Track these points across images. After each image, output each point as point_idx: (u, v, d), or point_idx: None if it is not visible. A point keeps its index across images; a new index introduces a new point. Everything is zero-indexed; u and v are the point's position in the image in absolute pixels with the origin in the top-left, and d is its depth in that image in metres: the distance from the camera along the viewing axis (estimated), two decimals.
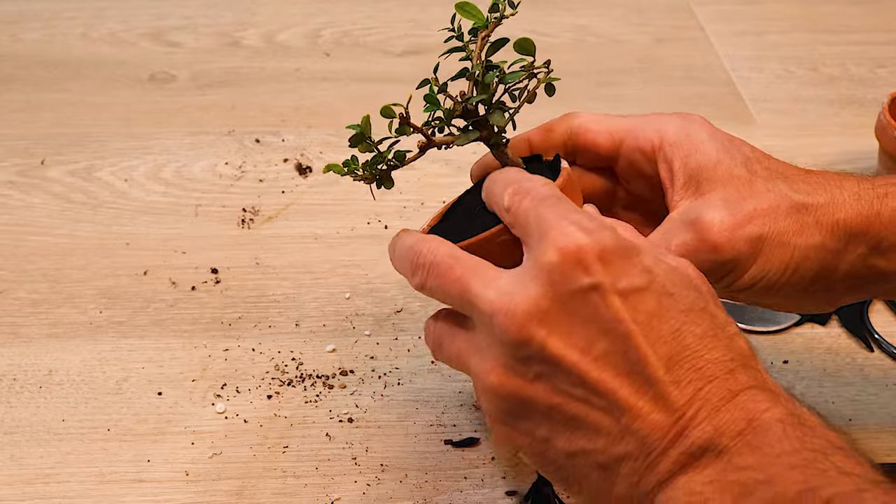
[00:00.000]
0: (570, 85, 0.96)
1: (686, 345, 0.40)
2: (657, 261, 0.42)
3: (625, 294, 0.40)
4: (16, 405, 0.60)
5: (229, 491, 0.55)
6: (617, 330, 0.39)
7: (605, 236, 0.41)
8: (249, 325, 0.66)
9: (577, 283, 0.40)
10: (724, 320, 0.42)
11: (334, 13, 1.03)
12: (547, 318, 0.40)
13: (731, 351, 0.40)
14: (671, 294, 0.41)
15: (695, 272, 0.44)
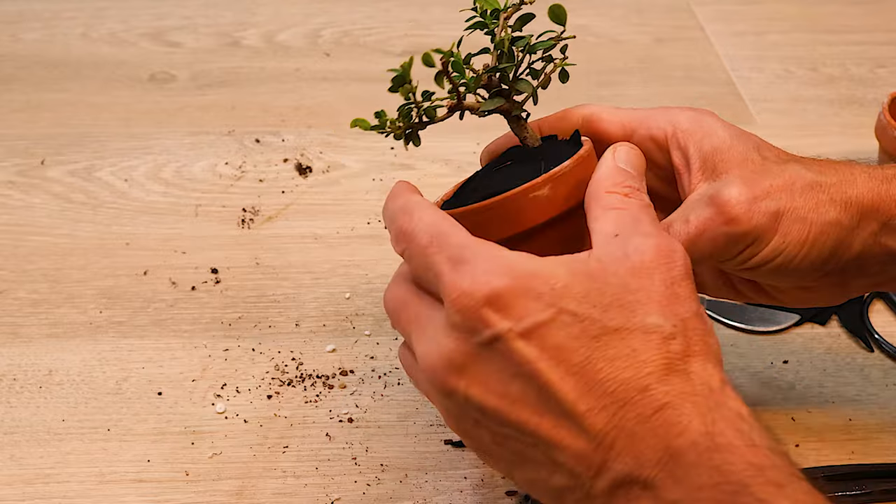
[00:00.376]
0: (570, 85, 0.96)
1: (597, 370, 0.40)
2: (567, 284, 0.41)
3: (527, 334, 0.40)
4: (16, 405, 0.60)
5: (229, 491, 0.55)
6: (525, 371, 0.40)
7: (494, 278, 0.41)
8: (249, 325, 0.66)
9: (479, 336, 0.41)
10: (652, 325, 0.40)
11: (334, 13, 1.03)
12: (464, 370, 0.41)
13: (648, 364, 0.40)
14: (582, 319, 0.40)
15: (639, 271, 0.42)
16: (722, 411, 0.40)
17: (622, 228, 0.44)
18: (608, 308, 0.41)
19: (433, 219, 0.44)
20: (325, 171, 0.81)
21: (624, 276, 0.42)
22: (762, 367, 0.63)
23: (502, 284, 0.40)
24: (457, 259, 0.42)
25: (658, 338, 0.40)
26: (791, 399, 0.61)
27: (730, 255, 0.49)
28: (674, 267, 0.42)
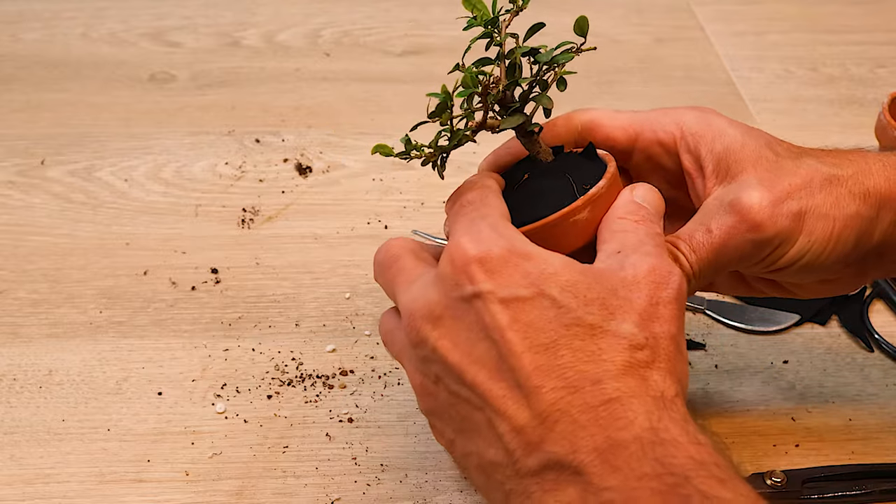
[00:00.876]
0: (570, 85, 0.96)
1: (560, 355, 0.41)
2: (556, 272, 0.42)
3: (506, 302, 0.42)
4: (16, 405, 0.60)
5: (229, 491, 0.55)
6: (493, 335, 0.41)
7: (494, 246, 0.43)
8: (249, 325, 0.66)
9: (462, 290, 0.42)
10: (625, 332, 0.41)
11: (334, 13, 1.04)
12: (439, 322, 0.43)
13: (608, 362, 0.41)
14: (559, 306, 0.42)
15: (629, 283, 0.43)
16: (670, 413, 0.40)
17: (625, 247, 0.45)
18: (590, 303, 0.42)
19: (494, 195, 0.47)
20: (325, 171, 0.81)
21: (615, 283, 0.43)
22: (762, 367, 0.64)
23: (497, 252, 0.43)
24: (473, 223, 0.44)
25: (627, 343, 0.41)
26: (791, 399, 0.61)
27: (756, 260, 0.49)
28: (664, 288, 0.43)
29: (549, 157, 0.51)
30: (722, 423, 0.60)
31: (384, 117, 0.87)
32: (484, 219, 0.45)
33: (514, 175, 0.51)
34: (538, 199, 0.48)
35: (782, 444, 0.59)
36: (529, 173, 0.50)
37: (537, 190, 0.49)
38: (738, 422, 0.60)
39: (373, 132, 0.85)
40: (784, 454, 0.58)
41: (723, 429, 0.59)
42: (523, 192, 0.49)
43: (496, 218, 0.45)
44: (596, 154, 0.50)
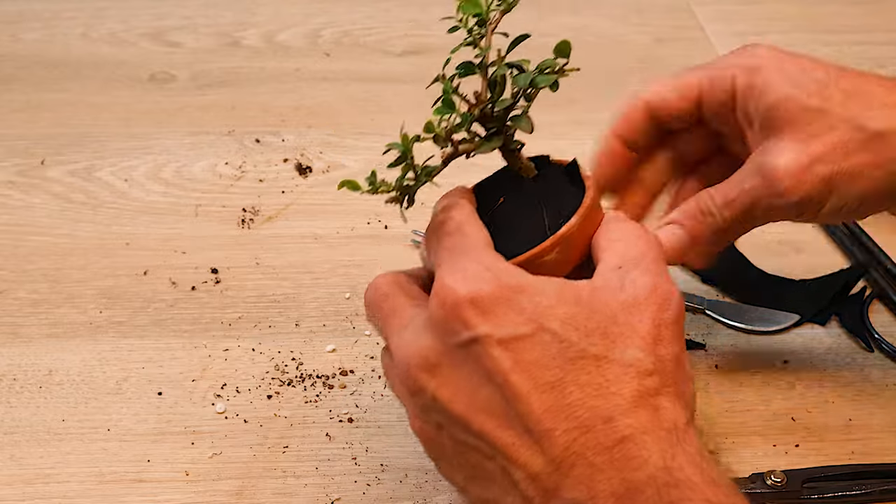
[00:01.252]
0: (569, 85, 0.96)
1: (568, 392, 0.39)
2: (552, 305, 0.41)
3: (505, 343, 0.40)
4: (16, 405, 0.60)
5: (229, 491, 0.55)
6: (497, 380, 0.40)
7: (483, 283, 0.41)
8: (249, 325, 0.66)
9: (458, 336, 0.40)
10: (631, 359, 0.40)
11: (334, 13, 1.03)
12: (437, 371, 0.41)
13: (617, 395, 0.39)
14: (561, 340, 0.40)
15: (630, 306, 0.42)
16: (684, 447, 0.39)
17: (626, 261, 0.44)
18: (591, 334, 0.40)
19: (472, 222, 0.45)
20: (325, 171, 0.81)
21: (614, 308, 0.42)
22: (762, 367, 0.63)
23: (488, 290, 0.41)
24: (456, 257, 0.42)
25: (635, 371, 0.40)
26: (791, 399, 0.61)
27: (790, 217, 0.50)
28: (666, 309, 0.42)
29: (532, 173, 0.50)
30: (722, 423, 0.60)
31: (384, 117, 0.87)
32: (467, 252, 0.43)
33: (491, 193, 0.50)
34: (509, 231, 0.46)
35: (782, 444, 0.59)
36: (506, 196, 0.49)
37: (509, 220, 0.47)
38: (738, 422, 0.60)
39: (373, 132, 0.85)
40: (784, 454, 0.58)
41: (723, 429, 0.59)
42: (497, 219, 0.47)
43: (480, 250, 0.43)
44: (579, 175, 0.49)
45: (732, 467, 0.57)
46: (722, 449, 0.58)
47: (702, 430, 0.59)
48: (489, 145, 0.46)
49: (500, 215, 0.48)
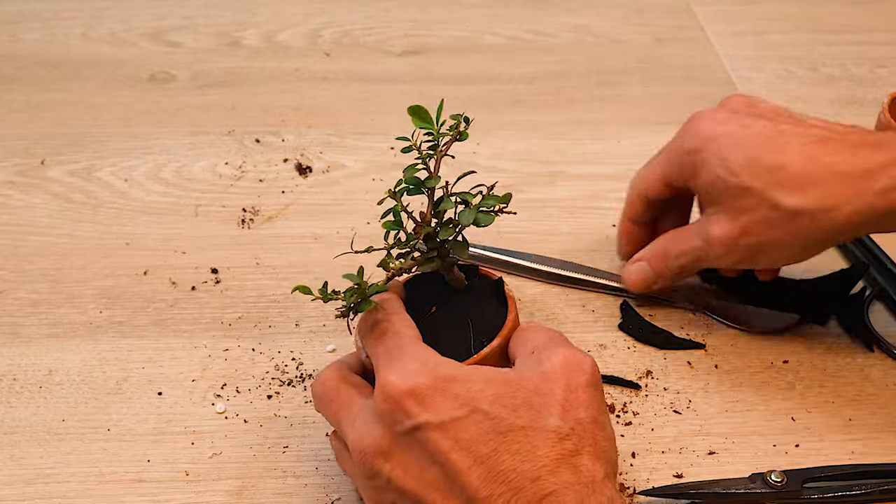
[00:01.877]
0: (570, 85, 0.96)
1: (501, 461, 0.45)
2: (482, 389, 0.46)
3: (443, 427, 0.45)
4: (16, 405, 0.60)
5: (229, 491, 0.55)
6: (439, 459, 0.45)
7: (420, 377, 0.46)
8: (249, 325, 0.66)
9: (403, 425, 0.46)
10: (552, 426, 0.46)
11: (334, 13, 1.04)
12: (390, 455, 0.47)
13: (543, 458, 0.45)
14: (492, 418, 0.45)
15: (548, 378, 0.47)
16: (597, 497, 0.44)
17: (537, 346, 0.50)
18: (517, 408, 0.46)
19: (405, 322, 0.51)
20: (325, 171, 0.81)
21: (535, 382, 0.47)
22: (762, 367, 0.64)
23: (424, 382, 0.46)
24: (394, 354, 0.48)
25: (556, 436, 0.46)
26: (791, 399, 0.61)
27: (727, 269, 0.65)
28: (577, 375, 0.48)
29: (462, 284, 0.55)
30: (722, 423, 0.60)
31: (384, 117, 0.87)
32: (403, 348, 0.48)
33: (423, 295, 0.55)
34: (438, 343, 0.50)
35: (782, 444, 0.59)
36: (438, 306, 0.54)
37: (440, 331, 0.53)
38: (738, 422, 0.60)
39: (373, 132, 0.85)
40: (784, 454, 0.58)
41: (723, 429, 0.60)
42: (428, 328, 0.52)
43: (414, 346, 0.49)
44: (503, 293, 0.55)
45: (732, 467, 0.57)
46: (722, 449, 0.58)
47: (701, 429, 0.59)
48: (430, 265, 0.53)
49: (432, 325, 0.53)
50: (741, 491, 0.54)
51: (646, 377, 0.63)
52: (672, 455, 0.58)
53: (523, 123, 0.86)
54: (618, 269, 0.70)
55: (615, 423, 0.60)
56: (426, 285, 0.56)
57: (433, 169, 0.51)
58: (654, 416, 0.60)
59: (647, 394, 0.62)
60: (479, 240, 0.72)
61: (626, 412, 0.60)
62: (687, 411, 0.61)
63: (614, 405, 0.61)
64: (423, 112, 0.51)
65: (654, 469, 0.57)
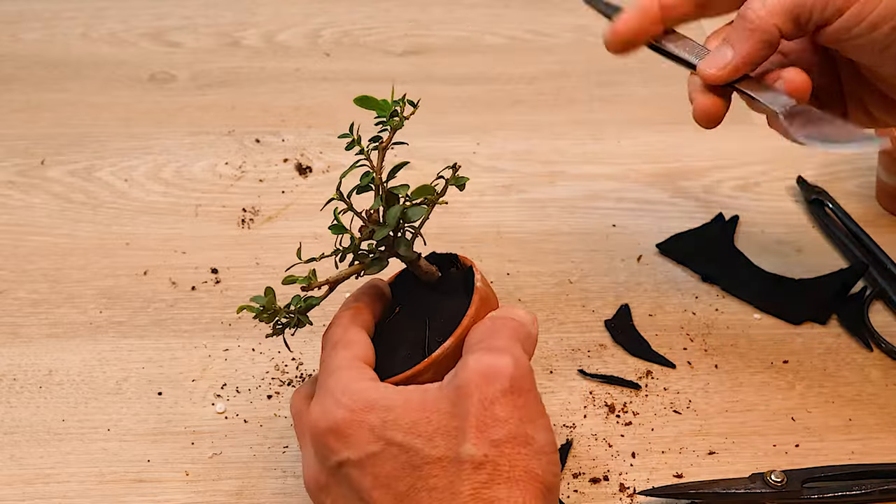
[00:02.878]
0: (570, 85, 0.96)
1: (419, 499, 0.43)
2: (397, 417, 0.44)
3: (361, 463, 0.44)
4: (16, 405, 0.60)
5: (229, 491, 0.55)
6: (364, 496, 0.44)
7: (337, 411, 0.45)
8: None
9: (328, 462, 0.45)
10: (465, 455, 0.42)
11: (334, 13, 1.03)
12: (327, 489, 0.46)
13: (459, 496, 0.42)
14: (407, 450, 0.43)
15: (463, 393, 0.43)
16: None
17: (466, 349, 0.46)
18: (432, 437, 0.43)
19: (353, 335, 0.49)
20: (325, 171, 0.81)
21: (452, 400, 0.44)
22: (762, 368, 0.63)
23: (340, 417, 0.45)
24: (322, 386, 0.47)
25: (469, 467, 0.42)
26: (791, 399, 0.61)
27: None
28: (492, 385, 0.43)
29: (435, 277, 0.52)
30: (722, 423, 0.60)
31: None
32: (332, 376, 0.47)
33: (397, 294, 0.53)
34: (394, 347, 0.49)
35: (782, 444, 0.59)
36: (402, 306, 0.52)
37: (398, 334, 0.51)
38: (738, 422, 0.60)
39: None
40: (784, 454, 0.58)
41: (723, 429, 0.59)
42: (388, 332, 0.51)
43: (342, 373, 0.47)
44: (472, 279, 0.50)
45: (732, 467, 0.57)
46: (722, 449, 0.58)
47: (701, 429, 0.59)
48: (377, 267, 0.50)
49: (392, 327, 0.51)
50: (741, 491, 0.54)
51: (646, 377, 0.63)
52: (672, 455, 0.58)
53: (523, 123, 0.86)
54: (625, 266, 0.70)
55: (615, 424, 0.60)
56: (406, 282, 0.53)
57: (377, 163, 0.48)
58: (654, 416, 0.60)
59: (647, 394, 0.62)
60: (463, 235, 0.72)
61: (626, 412, 0.60)
62: (687, 411, 0.61)
63: (614, 405, 0.61)
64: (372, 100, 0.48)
65: (654, 469, 0.57)
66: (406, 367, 0.48)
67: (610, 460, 0.58)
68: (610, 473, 0.57)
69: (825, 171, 0.81)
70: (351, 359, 0.48)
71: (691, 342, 0.65)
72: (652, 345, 0.65)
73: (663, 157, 0.82)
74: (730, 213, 0.76)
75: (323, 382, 0.48)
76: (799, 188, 0.78)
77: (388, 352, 0.50)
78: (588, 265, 0.71)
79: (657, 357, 0.64)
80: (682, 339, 0.66)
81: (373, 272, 0.50)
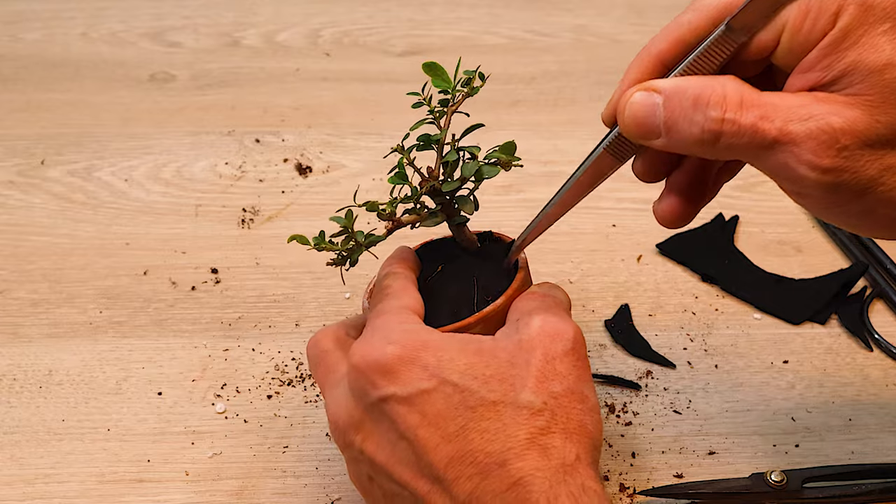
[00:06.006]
0: (570, 85, 0.96)
1: (470, 440, 0.43)
2: (453, 358, 0.44)
3: (410, 400, 0.43)
4: (16, 405, 0.60)
5: (229, 491, 0.55)
6: (407, 435, 0.43)
7: (388, 347, 0.44)
8: (249, 325, 0.66)
9: (369, 397, 0.44)
10: (524, 401, 0.43)
11: (334, 13, 1.04)
12: (362, 427, 0.45)
13: (512, 438, 0.42)
14: (462, 390, 0.43)
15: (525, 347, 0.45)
16: (567, 485, 0.42)
17: (522, 314, 0.48)
18: (489, 380, 0.44)
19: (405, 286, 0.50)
20: (325, 171, 0.81)
21: (511, 351, 0.45)
22: (762, 368, 0.64)
23: (392, 353, 0.44)
24: (371, 327, 0.47)
25: (527, 413, 0.43)
26: (791, 399, 0.61)
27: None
28: (556, 343, 0.45)
29: (474, 246, 0.53)
30: (722, 423, 0.60)
31: (384, 117, 0.87)
32: (385, 315, 0.47)
33: (434, 257, 0.54)
34: (441, 301, 0.50)
35: (782, 444, 0.59)
36: (445, 265, 0.53)
37: (443, 289, 0.51)
38: (738, 422, 0.60)
39: (373, 132, 0.85)
40: (784, 454, 0.58)
41: (723, 429, 0.60)
42: (432, 287, 0.51)
43: (395, 315, 0.47)
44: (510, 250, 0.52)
45: (732, 467, 0.57)
46: (722, 449, 0.58)
47: (701, 429, 0.59)
48: (433, 220, 0.51)
49: (436, 283, 0.52)
50: (741, 491, 0.54)
51: (646, 377, 0.63)
52: (672, 455, 0.58)
53: (523, 123, 0.86)
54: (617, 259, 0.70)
55: (615, 423, 0.60)
56: (439, 249, 0.54)
57: (444, 124, 0.49)
58: (654, 416, 0.60)
59: (647, 394, 0.62)
60: None
61: (626, 412, 0.60)
62: (687, 411, 0.61)
63: (614, 405, 0.61)
64: (439, 68, 0.49)
65: (654, 469, 0.57)
66: (454, 320, 0.49)
67: (610, 460, 0.58)
68: (610, 473, 0.57)
69: None
70: (401, 307, 0.48)
71: (691, 342, 0.65)
72: (652, 345, 0.65)
73: None
74: (730, 213, 0.76)
75: (371, 323, 0.47)
76: None
77: (434, 306, 0.50)
78: (588, 265, 0.72)
79: (657, 357, 0.64)
80: (682, 339, 0.66)
81: (428, 224, 0.51)
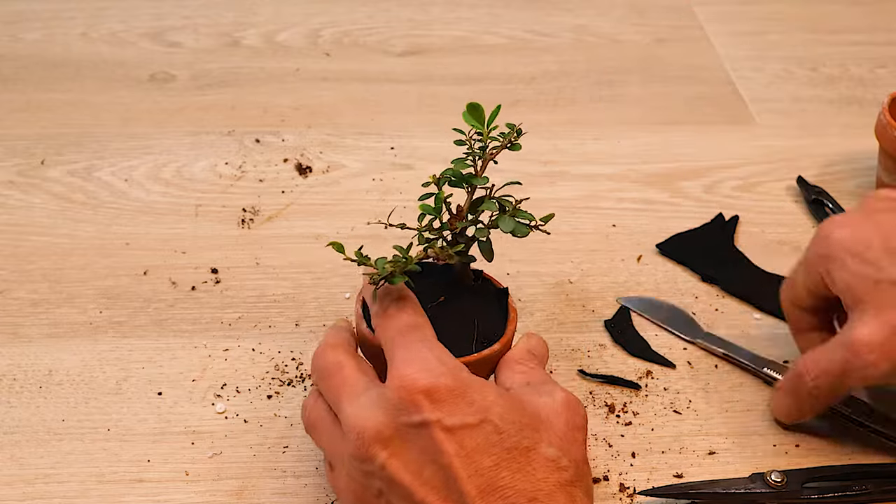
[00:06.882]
0: (570, 85, 0.96)
1: (501, 477, 0.45)
2: (494, 401, 0.47)
3: (452, 430, 0.46)
4: (16, 405, 0.60)
5: (229, 491, 0.55)
6: (441, 461, 0.45)
7: (441, 377, 0.47)
8: (249, 325, 0.66)
9: (411, 418, 0.46)
10: (552, 455, 0.46)
11: (334, 13, 1.04)
12: (389, 443, 0.46)
13: (542, 482, 0.45)
14: (500, 432, 0.46)
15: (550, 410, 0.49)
16: None
17: (532, 382, 0.51)
18: (524, 428, 0.47)
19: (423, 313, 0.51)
20: (325, 171, 0.81)
21: (539, 410, 0.48)
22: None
23: (445, 384, 0.46)
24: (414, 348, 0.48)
25: (555, 466, 0.46)
26: None
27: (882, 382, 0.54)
28: (576, 416, 0.49)
29: (470, 281, 0.56)
30: (722, 423, 0.60)
31: (384, 117, 0.87)
32: (424, 343, 0.49)
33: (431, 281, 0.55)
34: (442, 332, 0.51)
35: (782, 444, 0.59)
36: (446, 296, 0.55)
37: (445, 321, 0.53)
38: (738, 422, 0.60)
39: (373, 132, 0.85)
40: (784, 454, 0.58)
41: (723, 429, 0.60)
42: (435, 315, 0.52)
43: (435, 344, 0.49)
44: (507, 302, 0.55)
45: (732, 467, 0.57)
46: (722, 449, 0.58)
47: (701, 429, 0.59)
48: (454, 259, 0.52)
49: (439, 313, 0.53)
50: (741, 491, 0.54)
51: (646, 377, 0.63)
52: (672, 455, 0.58)
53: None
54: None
55: (615, 423, 0.60)
56: (430, 277, 0.55)
57: (479, 168, 0.51)
58: (654, 416, 0.60)
59: (647, 394, 0.62)
60: None
61: (626, 412, 0.60)
62: (687, 411, 0.61)
63: (614, 405, 0.61)
64: (480, 112, 0.51)
65: (654, 469, 0.57)
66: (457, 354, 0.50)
67: (610, 460, 0.58)
68: (610, 473, 0.57)
69: (825, 172, 0.81)
70: (436, 340, 0.50)
71: (691, 342, 0.65)
72: (652, 345, 0.65)
73: (663, 157, 0.82)
74: (730, 213, 0.76)
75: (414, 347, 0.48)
76: (799, 188, 0.78)
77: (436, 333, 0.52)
78: (588, 265, 0.72)
79: (657, 357, 0.64)
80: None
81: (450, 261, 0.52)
